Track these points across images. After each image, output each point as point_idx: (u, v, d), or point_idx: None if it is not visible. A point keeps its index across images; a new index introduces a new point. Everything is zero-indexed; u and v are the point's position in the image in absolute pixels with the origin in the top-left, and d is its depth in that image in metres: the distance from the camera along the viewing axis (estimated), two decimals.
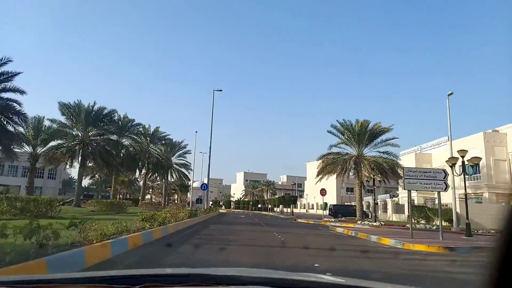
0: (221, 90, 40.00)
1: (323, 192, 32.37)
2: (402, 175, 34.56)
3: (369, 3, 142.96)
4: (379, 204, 49.81)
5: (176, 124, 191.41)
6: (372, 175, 30.12)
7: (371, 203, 48.41)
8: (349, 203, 55.78)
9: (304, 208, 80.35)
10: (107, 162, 34.89)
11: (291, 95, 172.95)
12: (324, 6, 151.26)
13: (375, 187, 30.34)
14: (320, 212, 77.24)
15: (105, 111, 34.83)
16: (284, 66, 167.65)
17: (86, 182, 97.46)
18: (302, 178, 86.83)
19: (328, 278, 1.65)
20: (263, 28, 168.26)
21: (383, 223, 28.41)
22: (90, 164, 36.54)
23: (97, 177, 60.47)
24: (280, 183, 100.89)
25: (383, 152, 33.41)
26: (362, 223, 28.84)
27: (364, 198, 60.46)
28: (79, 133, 34.08)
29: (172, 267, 4.32)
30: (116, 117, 38.01)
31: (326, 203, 37.31)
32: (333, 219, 33.59)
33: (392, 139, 32.46)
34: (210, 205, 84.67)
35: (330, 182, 72.75)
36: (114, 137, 37.98)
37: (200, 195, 61.17)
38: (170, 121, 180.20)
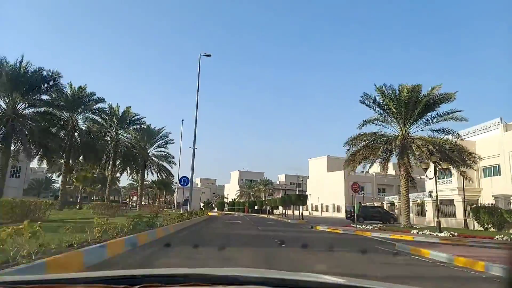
0: (210, 55, 30.66)
1: (355, 187, 21.99)
2: (470, 163, 24.94)
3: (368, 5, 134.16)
4: (411, 205, 40.03)
5: (167, 125, 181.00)
6: (432, 162, 20.00)
7: (400, 204, 38.77)
8: (364, 204, 45.57)
9: (307, 210, 70.47)
10: (44, 146, 24.40)
11: (290, 95, 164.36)
12: (327, 10, 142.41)
13: (436, 179, 20.13)
14: (326, 214, 67.42)
15: (43, 73, 24.36)
16: (282, 66, 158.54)
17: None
18: (303, 178, 77.33)
19: (328, 278, 1.55)
20: (263, 28, 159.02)
21: (455, 234, 18.38)
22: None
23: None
24: (278, 182, 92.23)
25: (437, 131, 23.35)
26: (420, 232, 18.86)
27: (386, 197, 50.58)
28: (2, 104, 23.60)
29: None
30: (64, 85, 27.28)
31: (360, 203, 27.07)
32: (368, 227, 23.33)
33: (455, 111, 22.24)
34: (201, 206, 74.71)
35: (336, 180, 63.06)
36: (61, 113, 27.52)
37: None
38: (160, 120, 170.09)
